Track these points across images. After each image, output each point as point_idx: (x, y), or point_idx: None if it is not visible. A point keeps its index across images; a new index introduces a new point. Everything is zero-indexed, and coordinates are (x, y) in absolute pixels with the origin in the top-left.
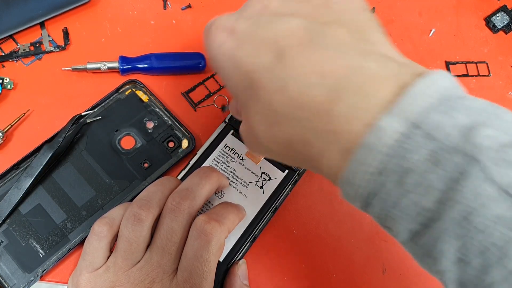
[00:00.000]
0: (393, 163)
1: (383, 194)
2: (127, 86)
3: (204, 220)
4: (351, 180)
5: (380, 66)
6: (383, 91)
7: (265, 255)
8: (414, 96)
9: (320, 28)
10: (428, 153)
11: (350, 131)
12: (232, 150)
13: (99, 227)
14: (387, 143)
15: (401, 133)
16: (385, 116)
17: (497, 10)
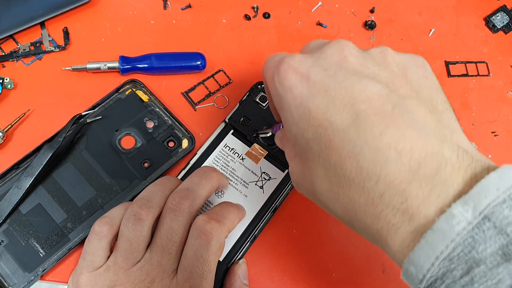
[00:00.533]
0: (463, 252)
1: (449, 281)
2: (127, 86)
3: (204, 220)
4: (417, 261)
5: (456, 156)
6: (458, 180)
7: (265, 255)
8: (486, 189)
9: (402, 101)
10: (498, 247)
11: (424, 214)
12: (232, 150)
13: (99, 226)
14: (458, 232)
15: (471, 223)
16: (458, 204)
17: (497, 10)
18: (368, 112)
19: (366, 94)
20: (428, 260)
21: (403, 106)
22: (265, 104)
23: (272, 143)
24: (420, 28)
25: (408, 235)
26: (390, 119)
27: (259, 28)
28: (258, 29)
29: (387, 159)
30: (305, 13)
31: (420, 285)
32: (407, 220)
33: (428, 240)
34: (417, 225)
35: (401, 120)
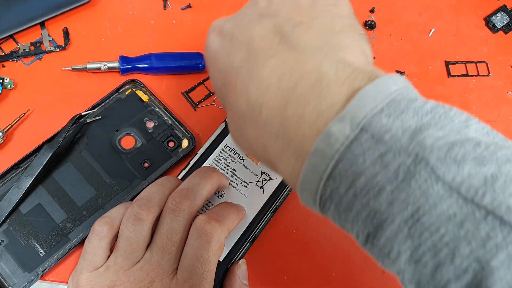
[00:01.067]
0: (343, 168)
1: (336, 199)
2: (127, 86)
3: (204, 220)
4: (306, 186)
5: (334, 70)
6: (334, 95)
7: (265, 255)
8: (363, 100)
9: (291, 29)
10: (377, 156)
11: (302, 135)
12: (232, 150)
13: (99, 226)
14: (337, 149)
15: (350, 137)
16: (335, 121)
17: (497, 10)
18: (258, 47)
19: (260, 32)
20: (314, 182)
21: (292, 33)
22: None
23: None
24: (420, 28)
25: (291, 158)
26: (275, 49)
27: None
28: None
29: (268, 86)
30: None
31: (316, 208)
32: (287, 144)
33: (310, 162)
34: (296, 147)
35: (285, 47)
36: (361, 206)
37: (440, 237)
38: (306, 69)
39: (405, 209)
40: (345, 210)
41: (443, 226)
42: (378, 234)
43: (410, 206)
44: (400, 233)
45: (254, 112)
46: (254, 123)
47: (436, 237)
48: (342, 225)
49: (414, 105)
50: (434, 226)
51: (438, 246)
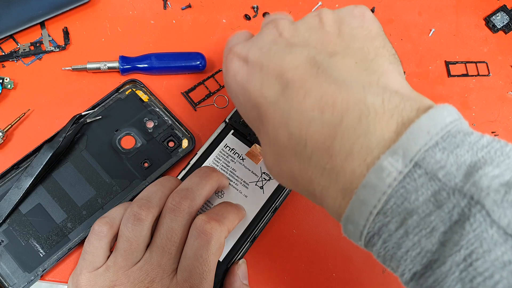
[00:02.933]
0: (395, 204)
1: (385, 235)
2: (127, 85)
3: (204, 220)
4: (352, 219)
5: (381, 100)
6: (384, 127)
7: (265, 255)
8: (416, 134)
9: (326, 59)
10: (430, 194)
11: (351, 170)
12: (232, 150)
13: (99, 226)
14: (389, 183)
15: (403, 173)
16: (387, 155)
17: (497, 10)
18: (294, 79)
19: (293, 62)
20: (363, 216)
21: (328, 64)
22: None
23: None
24: (420, 28)
25: (338, 194)
26: (313, 81)
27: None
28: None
29: (311, 120)
30: (305, 13)
31: (360, 242)
32: (334, 179)
33: (359, 196)
34: (345, 183)
35: (324, 79)
36: (411, 245)
37: (494, 284)
38: (350, 102)
39: (458, 252)
40: (393, 247)
41: (497, 273)
42: (427, 274)
43: (463, 249)
44: (451, 275)
45: (299, 146)
46: (298, 157)
47: (490, 284)
48: (387, 260)
49: (470, 139)
50: (488, 272)
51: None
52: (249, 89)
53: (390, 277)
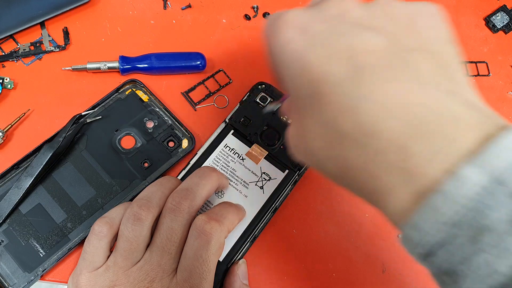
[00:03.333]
0: (470, 217)
1: (452, 247)
2: (127, 85)
3: (204, 220)
4: (419, 225)
5: (465, 111)
6: (467, 138)
7: (265, 255)
8: (500, 150)
9: (404, 53)
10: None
11: (428, 174)
12: (232, 150)
13: (99, 226)
14: (466, 195)
15: (483, 187)
16: (468, 165)
17: (497, 10)
18: (368, 64)
19: (367, 46)
20: (433, 225)
21: (406, 58)
22: (265, 104)
23: (272, 142)
24: None
25: (408, 196)
26: (391, 72)
27: (259, 28)
28: (258, 29)
29: (387, 114)
30: None
31: (420, 251)
32: (407, 179)
33: (432, 204)
34: (419, 186)
35: (403, 73)
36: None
37: None
38: (435, 106)
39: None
40: (460, 262)
41: None
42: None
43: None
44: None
45: (366, 137)
46: (362, 148)
47: None
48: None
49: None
50: None
51: None
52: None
53: (390, 277)
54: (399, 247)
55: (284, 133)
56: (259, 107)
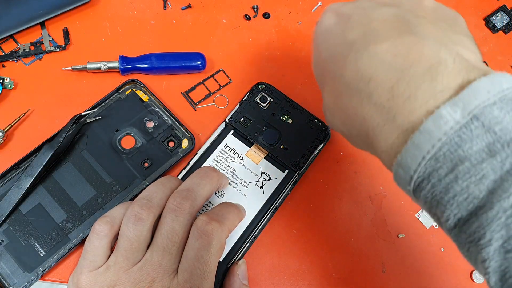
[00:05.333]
0: (449, 151)
1: (435, 180)
2: (127, 85)
3: (205, 221)
4: (405, 163)
5: (453, 59)
6: (450, 81)
7: (265, 255)
8: (477, 91)
9: (413, 18)
10: (485, 144)
11: (411, 110)
12: (232, 150)
13: (100, 226)
14: (445, 131)
15: (460, 123)
16: (447, 105)
17: (497, 10)
18: (379, 27)
19: (381, 15)
20: (415, 161)
21: (413, 22)
22: (265, 105)
23: (272, 142)
24: None
25: (393, 134)
26: (396, 31)
27: (259, 28)
28: (258, 29)
29: (382, 61)
30: (305, 13)
31: (409, 187)
32: (392, 118)
33: (414, 141)
34: (402, 123)
35: (405, 31)
36: (459, 190)
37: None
38: (425, 52)
39: (507, 198)
40: (441, 192)
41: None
42: (471, 220)
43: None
44: (496, 221)
45: (362, 82)
46: (358, 93)
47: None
48: (433, 207)
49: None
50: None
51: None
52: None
53: (390, 277)
54: (399, 247)
55: (284, 134)
56: (259, 107)
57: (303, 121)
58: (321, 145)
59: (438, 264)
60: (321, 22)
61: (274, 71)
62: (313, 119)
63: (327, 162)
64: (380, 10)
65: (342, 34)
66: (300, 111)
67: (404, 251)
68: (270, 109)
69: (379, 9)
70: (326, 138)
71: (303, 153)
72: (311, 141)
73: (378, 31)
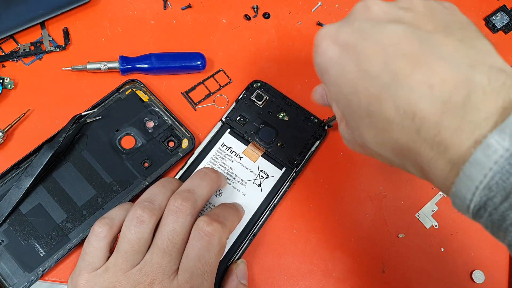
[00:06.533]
0: (501, 179)
1: (491, 208)
2: (127, 86)
3: (206, 222)
4: (460, 194)
5: (487, 78)
6: (492, 105)
7: (265, 254)
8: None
9: (428, 36)
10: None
11: (459, 143)
12: (229, 149)
13: (99, 227)
14: (496, 160)
15: (510, 150)
16: (494, 133)
17: (497, 10)
18: (397, 54)
19: (392, 37)
20: (469, 191)
21: (430, 40)
22: (261, 103)
23: (269, 140)
24: None
25: (446, 165)
26: (419, 56)
27: (259, 28)
28: (258, 29)
29: (419, 95)
30: (305, 13)
31: (468, 214)
32: (443, 151)
33: (466, 172)
34: (452, 155)
35: (430, 55)
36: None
37: None
38: (459, 79)
39: None
40: (499, 220)
41: None
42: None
43: None
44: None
45: (407, 120)
46: (406, 130)
47: None
48: (495, 232)
49: None
50: None
51: None
52: (343, 64)
53: (390, 277)
54: (399, 247)
55: (280, 131)
56: (255, 105)
57: (300, 118)
58: (318, 142)
59: (438, 264)
60: (322, 53)
61: (274, 71)
62: (309, 116)
63: (327, 162)
64: (385, 30)
65: (357, 68)
66: (296, 108)
67: (404, 251)
68: (266, 107)
69: (384, 28)
70: (323, 135)
71: (300, 150)
72: (308, 138)
73: (399, 58)
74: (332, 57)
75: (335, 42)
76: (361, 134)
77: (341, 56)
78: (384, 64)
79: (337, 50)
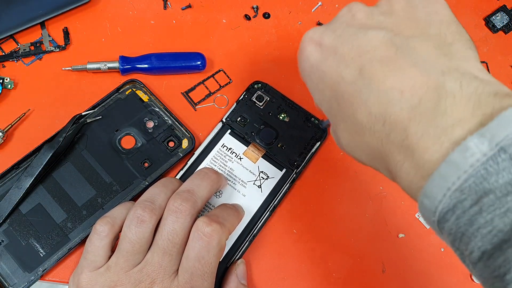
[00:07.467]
0: (474, 183)
1: (459, 211)
2: (127, 85)
3: (206, 222)
4: (431, 193)
5: (459, 85)
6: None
7: (264, 255)
8: (505, 121)
9: (405, 42)
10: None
11: (425, 148)
12: (229, 150)
13: (101, 226)
14: (471, 163)
15: (487, 155)
16: (474, 136)
17: (497, 10)
18: (373, 60)
19: (370, 44)
20: (440, 191)
21: (407, 46)
22: (261, 104)
23: (270, 141)
24: None
25: (412, 169)
26: (393, 62)
27: (259, 28)
28: (258, 29)
29: (390, 101)
30: (305, 13)
31: (434, 218)
32: (410, 155)
33: (441, 172)
34: (418, 159)
35: (404, 61)
36: (483, 222)
37: None
38: (430, 85)
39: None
40: (465, 224)
41: None
42: (496, 254)
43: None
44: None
45: (377, 124)
46: (376, 134)
47: None
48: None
49: None
50: None
51: None
52: (324, 69)
53: (390, 277)
54: (399, 247)
55: (281, 132)
56: (256, 106)
57: (300, 119)
58: (318, 143)
59: (438, 264)
60: (306, 57)
61: (274, 71)
62: (310, 117)
63: (327, 162)
64: (365, 36)
65: (336, 72)
66: (297, 109)
67: (404, 251)
68: (267, 108)
69: (364, 34)
70: (323, 136)
71: (301, 152)
72: (308, 139)
73: (374, 64)
74: (314, 63)
75: (319, 47)
76: (337, 137)
77: (322, 61)
78: (360, 70)
79: (320, 55)
